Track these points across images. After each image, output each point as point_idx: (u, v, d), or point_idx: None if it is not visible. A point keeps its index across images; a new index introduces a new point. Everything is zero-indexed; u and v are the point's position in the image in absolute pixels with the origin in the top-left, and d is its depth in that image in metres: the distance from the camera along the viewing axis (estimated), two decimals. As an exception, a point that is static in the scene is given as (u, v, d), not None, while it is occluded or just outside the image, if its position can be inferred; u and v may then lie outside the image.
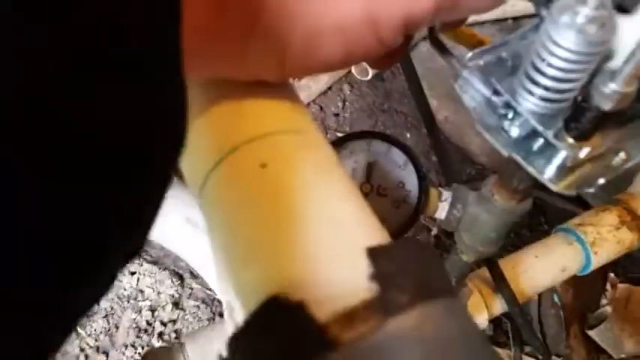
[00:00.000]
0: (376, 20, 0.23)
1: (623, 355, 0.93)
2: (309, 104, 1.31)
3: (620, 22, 0.26)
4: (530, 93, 0.29)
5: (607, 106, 0.25)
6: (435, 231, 0.92)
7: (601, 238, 0.67)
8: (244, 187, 0.24)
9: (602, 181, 0.29)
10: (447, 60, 0.34)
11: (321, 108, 1.33)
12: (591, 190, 0.29)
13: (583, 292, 0.99)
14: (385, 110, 1.34)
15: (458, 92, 0.32)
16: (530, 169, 0.30)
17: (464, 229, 0.45)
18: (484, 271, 0.63)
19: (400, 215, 0.44)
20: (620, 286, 1.02)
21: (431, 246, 0.25)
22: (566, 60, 0.26)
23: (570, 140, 0.28)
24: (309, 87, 1.29)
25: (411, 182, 0.44)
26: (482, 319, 0.62)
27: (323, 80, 1.31)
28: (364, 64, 1.33)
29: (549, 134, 0.28)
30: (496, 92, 0.31)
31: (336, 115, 1.33)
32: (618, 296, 1.01)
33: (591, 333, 0.96)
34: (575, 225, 0.68)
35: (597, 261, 0.68)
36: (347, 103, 1.35)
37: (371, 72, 1.30)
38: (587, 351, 0.96)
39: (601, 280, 1.04)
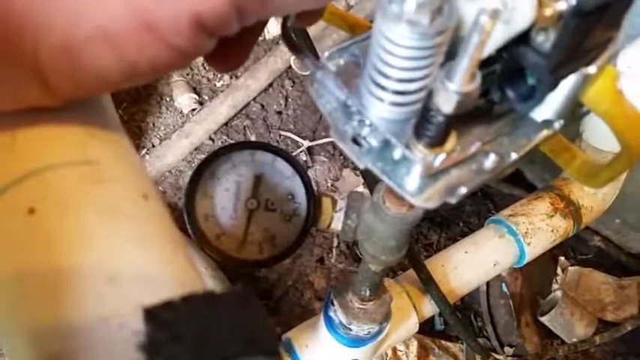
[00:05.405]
0: (152, 24, 0.19)
1: (574, 340, 0.92)
2: (249, 103, 1.27)
3: (463, 4, 0.22)
4: (376, 97, 0.25)
5: (448, 108, 0.22)
6: (336, 242, 0.89)
7: (534, 228, 0.65)
8: (8, 240, 0.19)
9: (463, 190, 0.25)
10: (301, 60, 0.30)
11: (263, 106, 1.28)
12: (453, 200, 0.25)
13: (533, 279, 0.97)
14: (330, 104, 1.29)
15: (312, 97, 0.29)
16: (390, 182, 0.26)
17: (363, 238, 0.41)
18: (413, 272, 0.60)
19: (292, 229, 0.41)
20: (571, 269, 1.01)
21: (249, 296, 0.21)
22: (404, 57, 0.23)
23: (422, 148, 0.24)
24: (248, 85, 1.24)
25: (301, 193, 0.40)
26: (411, 324, 0.59)
27: (263, 77, 1.27)
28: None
29: (399, 143, 0.25)
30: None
31: (279, 112, 1.29)
32: (568, 280, 0.99)
33: (543, 319, 0.94)
34: (505, 216, 0.66)
35: (532, 252, 0.66)
36: (289, 100, 1.31)
37: (311, 66, 1.26)
38: (540, 338, 0.95)
39: (552, 265, 1.02)
